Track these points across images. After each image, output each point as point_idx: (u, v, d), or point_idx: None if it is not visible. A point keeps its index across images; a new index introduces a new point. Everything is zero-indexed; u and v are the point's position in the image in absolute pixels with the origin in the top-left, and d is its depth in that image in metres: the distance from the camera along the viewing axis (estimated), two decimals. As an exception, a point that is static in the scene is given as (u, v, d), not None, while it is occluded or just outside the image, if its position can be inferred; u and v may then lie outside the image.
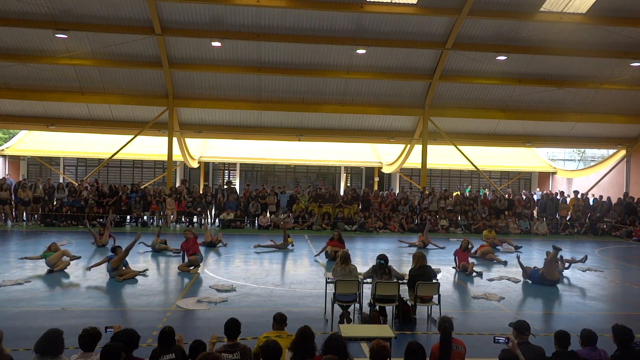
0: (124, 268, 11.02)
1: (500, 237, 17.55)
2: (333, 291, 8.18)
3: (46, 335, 4.75)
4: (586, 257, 13.14)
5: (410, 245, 16.69)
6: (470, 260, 13.01)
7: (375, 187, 31.06)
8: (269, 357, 4.62)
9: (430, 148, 24.19)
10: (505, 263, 13.93)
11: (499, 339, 5.29)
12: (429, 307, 8.50)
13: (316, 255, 14.16)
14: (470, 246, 13.15)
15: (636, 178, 25.73)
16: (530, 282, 11.47)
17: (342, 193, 23.49)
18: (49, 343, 4.70)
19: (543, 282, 11.16)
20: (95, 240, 15.08)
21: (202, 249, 13.01)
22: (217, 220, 21.01)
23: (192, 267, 11.92)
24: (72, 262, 11.96)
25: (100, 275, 11.13)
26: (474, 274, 12.29)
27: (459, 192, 25.08)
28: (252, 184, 25.92)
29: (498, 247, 16.39)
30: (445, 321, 5.38)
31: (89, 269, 11.50)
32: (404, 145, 26.92)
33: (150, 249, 14.40)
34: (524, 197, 23.73)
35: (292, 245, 15.71)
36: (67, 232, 17.88)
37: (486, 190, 27.00)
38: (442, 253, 15.54)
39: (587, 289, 11.13)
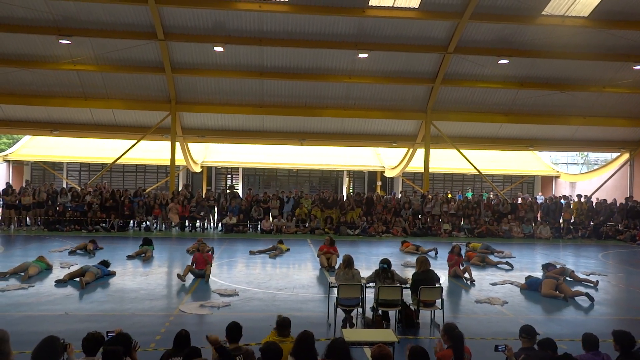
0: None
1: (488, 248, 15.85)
2: (336, 295, 8.17)
3: (43, 343, 4.74)
4: (597, 282, 11.93)
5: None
6: (464, 265, 12.53)
7: (379, 191, 31.03)
8: (269, 359, 4.62)
9: (433, 152, 24.19)
10: (511, 266, 13.85)
11: (502, 348, 5.36)
12: (432, 311, 8.47)
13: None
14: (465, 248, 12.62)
15: (640, 181, 25.69)
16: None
17: (345, 198, 23.42)
18: (46, 350, 4.70)
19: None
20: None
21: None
22: (219, 224, 21.03)
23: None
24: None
25: (102, 281, 11.15)
26: (466, 278, 11.92)
27: (449, 195, 25.23)
28: (255, 188, 25.94)
29: (490, 257, 14.93)
30: (455, 328, 5.36)
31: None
32: (406, 149, 26.93)
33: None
34: (529, 200, 23.68)
35: (288, 250, 15.73)
36: (70, 236, 17.91)
37: (490, 193, 26.94)
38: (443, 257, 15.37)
39: (590, 293, 11.06)
